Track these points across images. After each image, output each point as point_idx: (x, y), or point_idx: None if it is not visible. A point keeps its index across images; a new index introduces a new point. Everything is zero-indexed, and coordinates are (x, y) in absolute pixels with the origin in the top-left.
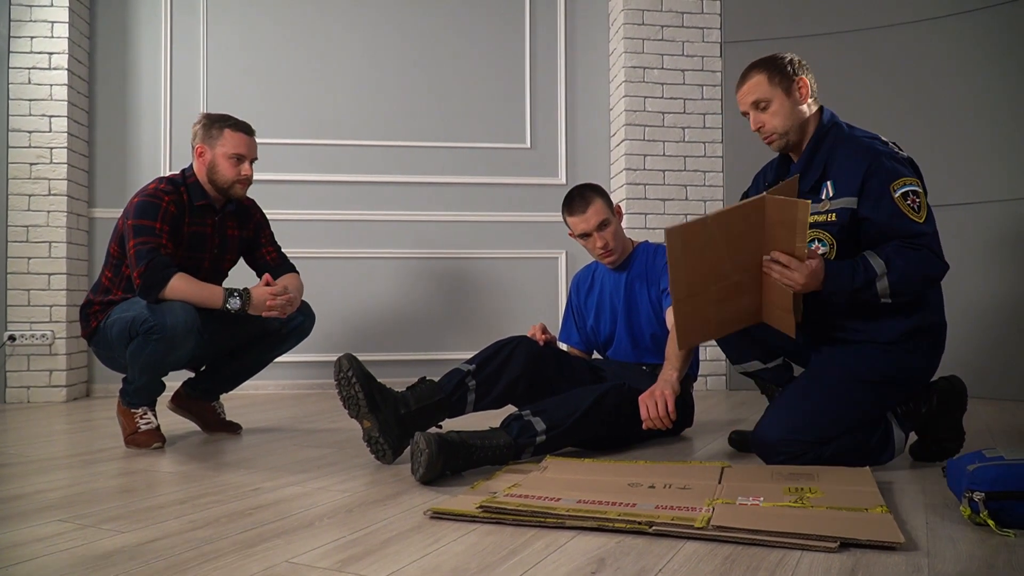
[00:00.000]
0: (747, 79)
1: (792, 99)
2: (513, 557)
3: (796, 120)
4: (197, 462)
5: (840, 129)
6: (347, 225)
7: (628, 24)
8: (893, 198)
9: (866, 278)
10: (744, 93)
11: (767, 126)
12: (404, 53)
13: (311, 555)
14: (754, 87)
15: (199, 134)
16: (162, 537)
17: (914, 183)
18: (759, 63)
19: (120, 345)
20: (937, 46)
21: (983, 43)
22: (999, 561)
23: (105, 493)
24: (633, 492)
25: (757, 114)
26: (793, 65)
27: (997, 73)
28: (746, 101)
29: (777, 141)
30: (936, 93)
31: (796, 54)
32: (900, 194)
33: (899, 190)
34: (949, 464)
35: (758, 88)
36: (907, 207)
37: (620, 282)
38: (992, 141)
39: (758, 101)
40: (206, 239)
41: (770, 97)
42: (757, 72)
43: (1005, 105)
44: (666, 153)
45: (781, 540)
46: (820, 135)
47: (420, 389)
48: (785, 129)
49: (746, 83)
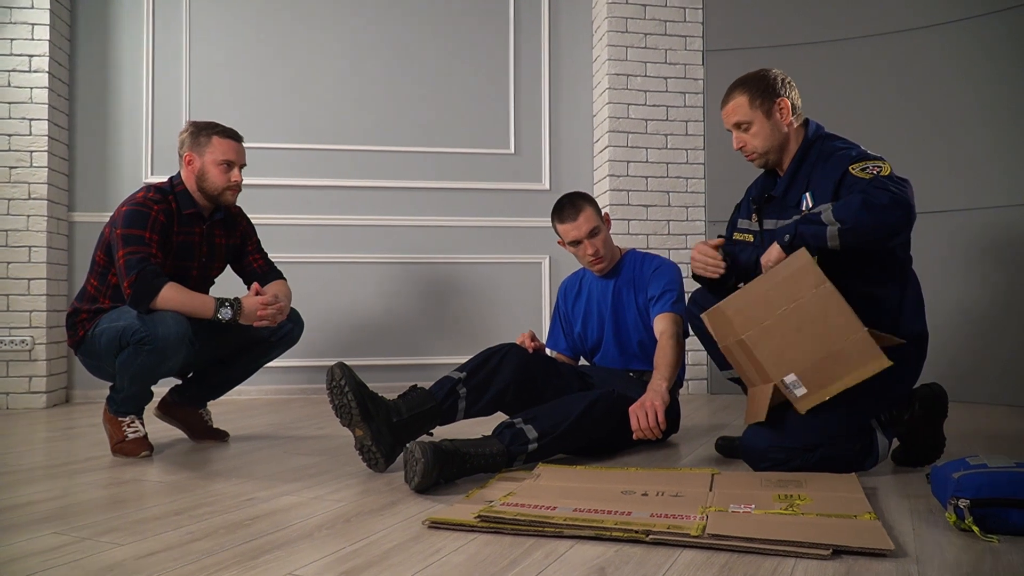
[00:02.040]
0: (729, 100)
1: (772, 120)
2: (514, 567)
3: (776, 141)
4: (188, 471)
5: (824, 143)
6: (331, 230)
7: (612, 32)
8: (853, 173)
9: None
10: (726, 113)
11: (748, 146)
12: (389, 59)
13: (313, 567)
14: (735, 109)
15: (187, 142)
16: (162, 550)
17: (878, 163)
18: (742, 83)
19: (109, 354)
20: (916, 57)
21: (961, 54)
22: (985, 567)
23: (98, 504)
24: (627, 500)
25: (739, 134)
26: (776, 85)
27: (977, 83)
28: (728, 121)
29: (758, 160)
30: (917, 102)
31: (781, 70)
32: (859, 168)
33: (859, 167)
34: (933, 471)
35: (739, 110)
36: (865, 174)
37: (608, 289)
38: (970, 151)
39: (739, 122)
40: (194, 248)
41: (750, 120)
42: (739, 93)
43: (985, 115)
44: (649, 160)
45: (775, 548)
46: (804, 150)
47: (412, 397)
48: (765, 149)
49: (728, 104)
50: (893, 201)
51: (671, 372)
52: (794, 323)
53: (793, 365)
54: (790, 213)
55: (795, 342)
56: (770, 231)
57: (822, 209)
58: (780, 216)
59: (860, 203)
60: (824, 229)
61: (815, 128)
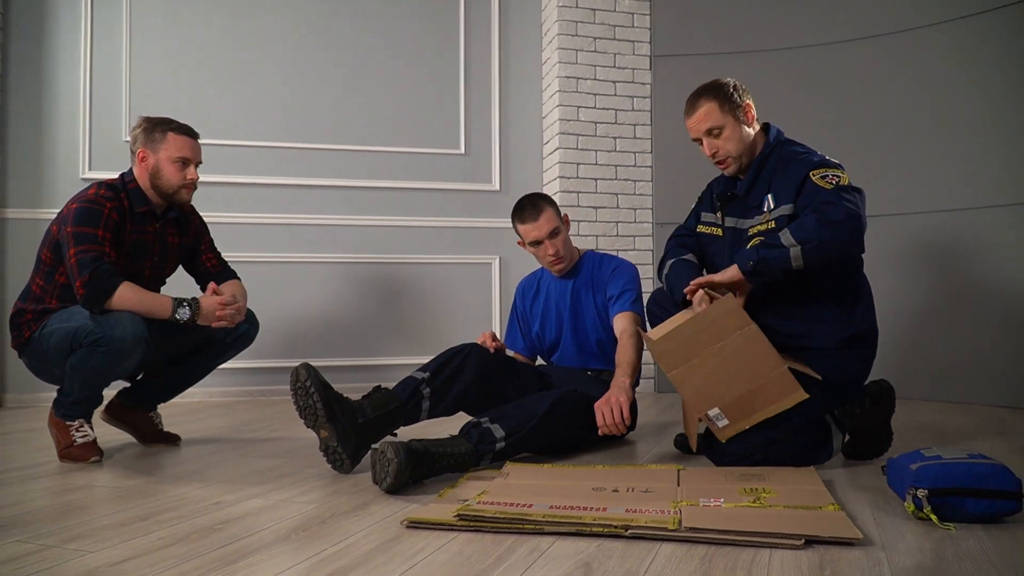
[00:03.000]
0: (698, 107)
1: (741, 124)
2: (501, 564)
3: (746, 143)
4: (143, 476)
5: (784, 148)
6: (279, 229)
7: (563, 35)
8: (813, 180)
9: (775, 242)
10: (697, 121)
11: (721, 151)
12: (338, 57)
13: (296, 570)
14: (706, 115)
15: (140, 138)
16: (135, 556)
17: (837, 171)
18: (706, 91)
19: (58, 356)
20: (854, 67)
21: (901, 65)
22: (947, 552)
23: (55, 511)
24: (600, 496)
25: (711, 140)
26: (738, 91)
27: (915, 92)
28: (699, 129)
29: (732, 165)
30: (852, 109)
31: (735, 78)
32: (819, 176)
33: (819, 175)
34: (889, 463)
35: (710, 116)
36: (824, 183)
37: (566, 289)
38: (903, 158)
39: (711, 128)
40: (147, 247)
41: (723, 124)
42: (707, 100)
43: (921, 123)
44: (598, 162)
45: (751, 539)
46: (766, 154)
47: (376, 398)
48: (739, 153)
49: (697, 111)
50: (848, 215)
51: (632, 369)
52: (719, 362)
53: (717, 400)
54: (752, 213)
55: (719, 379)
56: (732, 228)
57: (781, 232)
58: (742, 215)
59: (816, 222)
60: (787, 252)
61: (776, 133)
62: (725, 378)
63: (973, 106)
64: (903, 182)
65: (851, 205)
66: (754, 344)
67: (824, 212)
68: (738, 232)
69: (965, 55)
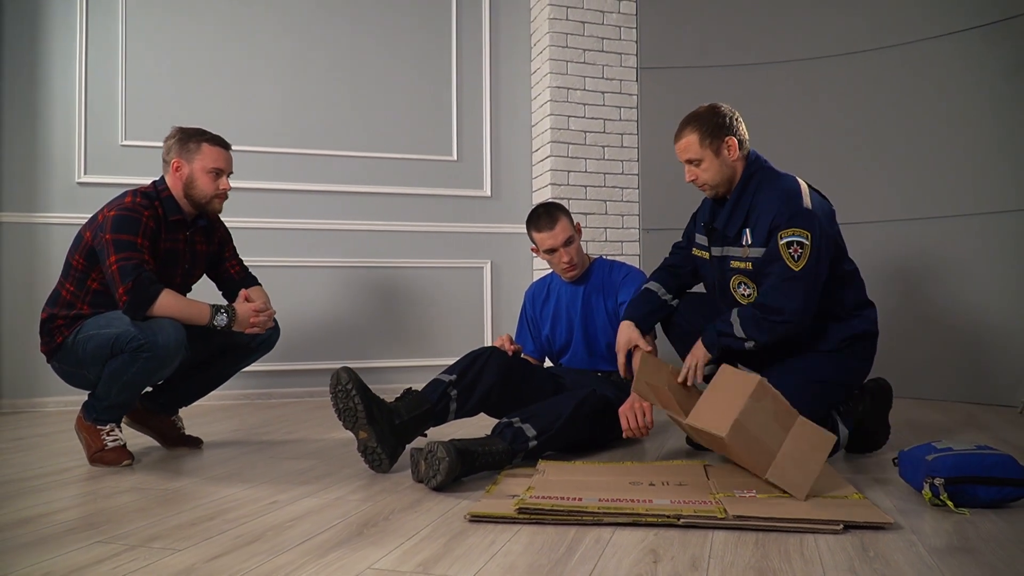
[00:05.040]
0: (681, 137)
1: (720, 158)
2: (574, 553)
3: (725, 175)
4: (185, 478)
5: (763, 173)
6: (273, 233)
7: (553, 47)
8: (779, 244)
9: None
10: (679, 149)
11: (699, 179)
12: (335, 67)
13: (388, 560)
14: (686, 147)
15: (174, 148)
16: (223, 553)
17: (803, 234)
18: (694, 119)
19: (95, 362)
20: (834, 81)
21: (880, 80)
22: (970, 534)
23: (116, 513)
24: (640, 490)
25: (691, 167)
26: (724, 122)
27: (890, 108)
28: (680, 156)
29: (708, 192)
30: (832, 123)
31: (729, 106)
32: (785, 242)
33: (785, 239)
34: (901, 455)
35: (690, 148)
36: (787, 254)
37: (577, 295)
38: (882, 169)
39: (691, 159)
40: (179, 254)
41: (700, 157)
42: (689, 132)
43: (908, 134)
44: (588, 170)
45: (795, 526)
46: (744, 181)
47: (409, 400)
48: (715, 183)
49: (680, 141)
50: (785, 319)
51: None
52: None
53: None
54: (732, 242)
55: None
56: (718, 257)
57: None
58: (724, 244)
59: (757, 322)
60: (742, 343)
61: (754, 158)
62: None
63: (944, 122)
64: (881, 192)
65: (794, 302)
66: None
67: (767, 311)
68: (723, 260)
69: (938, 71)
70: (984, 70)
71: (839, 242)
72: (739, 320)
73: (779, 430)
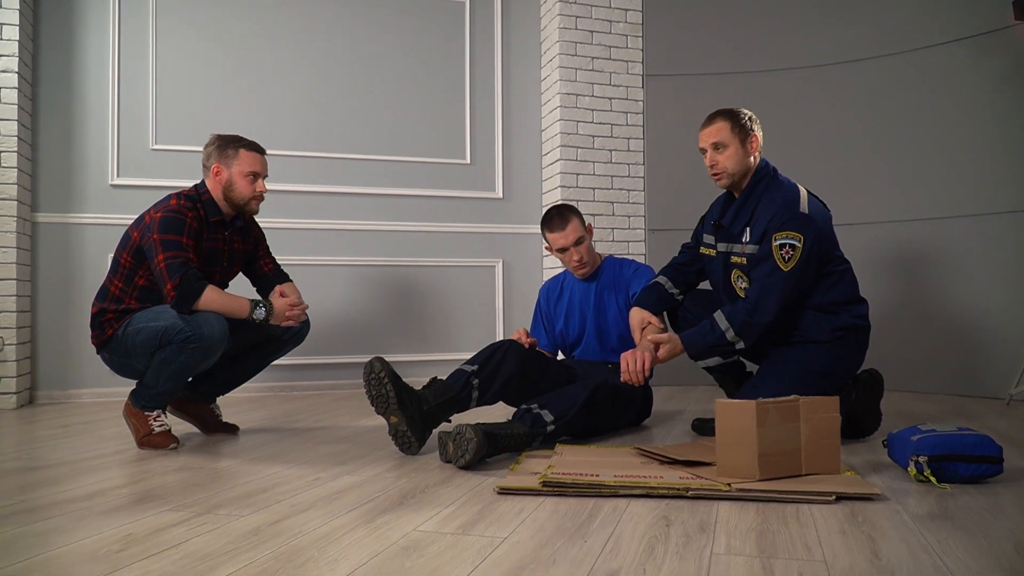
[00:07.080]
0: (713, 122)
1: (744, 149)
2: (594, 519)
3: (744, 167)
4: (230, 459)
5: (770, 179)
6: (297, 233)
7: (563, 55)
8: (772, 244)
9: (717, 334)
10: (708, 133)
11: (719, 165)
12: (357, 76)
13: (430, 524)
14: (717, 131)
15: (214, 154)
16: (285, 518)
17: (795, 237)
18: (725, 112)
19: (143, 353)
20: (833, 88)
21: (881, 87)
22: (949, 504)
23: (176, 487)
24: (652, 467)
25: (714, 153)
26: (751, 121)
27: (887, 114)
28: (708, 140)
29: (724, 180)
30: (834, 128)
31: (750, 111)
32: (778, 244)
33: (779, 240)
34: (890, 437)
35: (720, 132)
36: (779, 255)
37: (590, 291)
38: (881, 171)
39: (718, 143)
40: (218, 253)
41: (728, 143)
42: (722, 119)
43: (904, 139)
44: (596, 172)
45: (791, 496)
46: (754, 183)
47: (435, 387)
48: (734, 171)
49: (711, 125)
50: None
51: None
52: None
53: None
54: (735, 239)
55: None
56: (723, 253)
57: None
58: (729, 241)
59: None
60: (733, 347)
61: (764, 164)
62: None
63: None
64: (883, 193)
65: (773, 299)
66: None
67: (752, 312)
68: (727, 256)
69: (939, 77)
70: (982, 76)
71: (834, 240)
72: (730, 326)
73: (792, 429)
